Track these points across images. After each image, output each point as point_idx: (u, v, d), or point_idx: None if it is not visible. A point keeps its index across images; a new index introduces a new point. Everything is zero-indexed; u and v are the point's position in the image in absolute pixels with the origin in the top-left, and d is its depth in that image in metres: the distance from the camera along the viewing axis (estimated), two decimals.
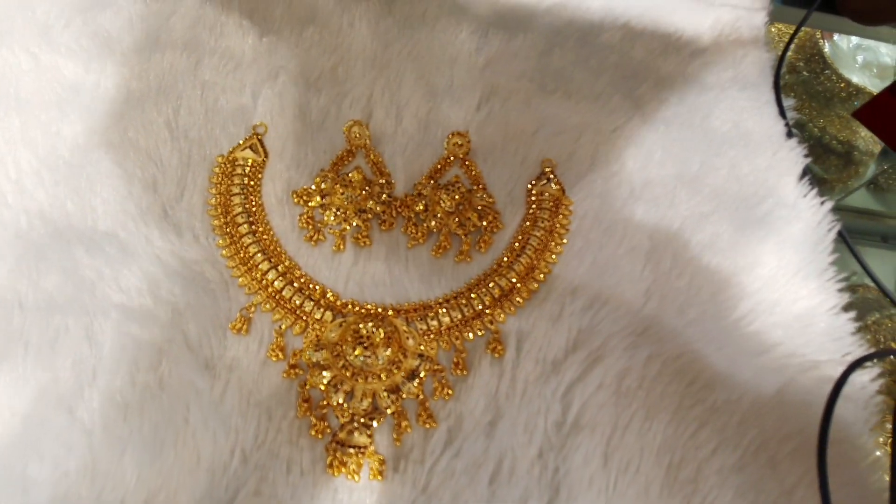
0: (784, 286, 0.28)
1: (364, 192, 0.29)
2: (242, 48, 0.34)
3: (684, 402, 0.25)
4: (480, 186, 0.30)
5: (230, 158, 0.30)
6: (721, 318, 0.27)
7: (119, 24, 0.34)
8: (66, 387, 0.23)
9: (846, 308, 0.28)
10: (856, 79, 0.48)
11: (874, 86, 0.47)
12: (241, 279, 0.26)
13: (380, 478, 0.22)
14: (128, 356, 0.23)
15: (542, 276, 0.28)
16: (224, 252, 0.27)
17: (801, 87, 0.49)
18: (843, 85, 0.49)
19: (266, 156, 0.30)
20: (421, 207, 0.29)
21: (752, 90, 0.36)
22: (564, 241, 0.29)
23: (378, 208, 0.29)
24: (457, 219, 0.29)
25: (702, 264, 0.29)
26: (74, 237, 0.26)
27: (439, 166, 0.31)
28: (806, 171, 0.32)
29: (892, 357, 0.35)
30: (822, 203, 0.30)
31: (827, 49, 0.47)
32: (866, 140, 0.51)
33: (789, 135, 0.34)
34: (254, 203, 0.29)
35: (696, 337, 0.26)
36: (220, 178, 0.29)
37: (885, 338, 0.37)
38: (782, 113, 0.35)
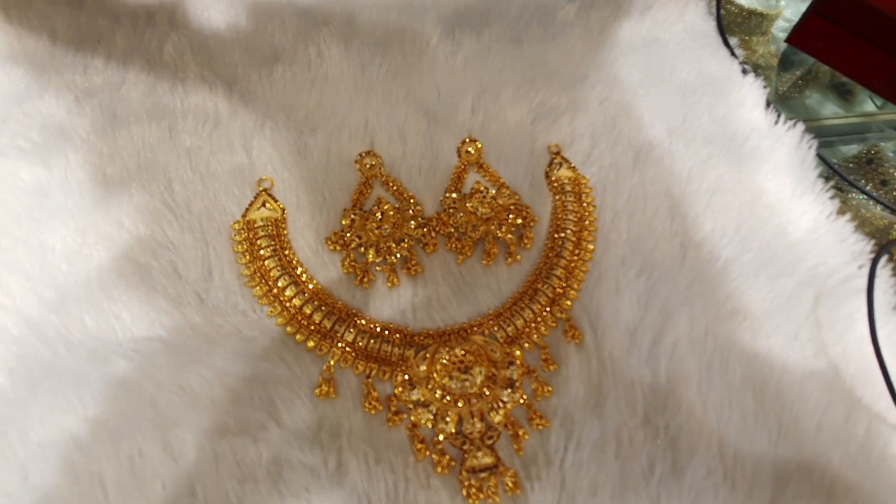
0: (788, 207, 0.31)
1: (396, 220, 0.28)
2: (214, 104, 0.31)
3: (745, 335, 0.27)
4: (503, 186, 0.31)
5: (246, 222, 0.28)
6: (748, 250, 0.29)
7: (65, 107, 0.30)
8: None
9: (840, 212, 0.31)
10: (744, 2, 0.53)
11: (760, 5, 0.51)
12: (308, 343, 0.25)
13: (518, 491, 0.22)
14: (223, 466, 0.22)
15: (588, 255, 0.29)
16: (279, 320, 0.25)
17: None
18: (735, 10, 0.54)
19: (283, 209, 0.28)
20: (459, 220, 0.28)
21: (701, 37, 0.38)
22: (595, 217, 0.30)
23: (416, 233, 0.28)
24: (495, 223, 0.29)
25: (718, 207, 0.31)
26: (110, 352, 0.23)
27: (458, 176, 0.31)
28: (769, 102, 0.35)
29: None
30: (795, 125, 0.34)
31: None
32: (764, 56, 0.56)
33: (745, 72, 0.37)
34: (289, 260, 0.27)
35: (735, 273, 0.29)
36: (244, 246, 0.27)
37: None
38: (733, 54, 0.38)
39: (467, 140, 0.31)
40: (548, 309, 0.27)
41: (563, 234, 0.29)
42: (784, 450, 0.24)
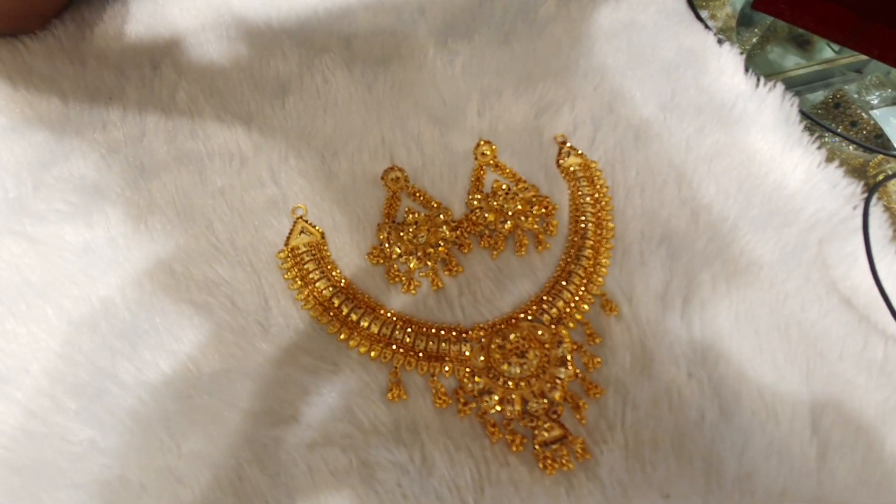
0: (781, 162, 0.33)
1: (429, 227, 0.30)
2: (237, 142, 0.32)
3: (763, 284, 0.29)
4: (520, 181, 0.32)
5: (290, 250, 0.29)
6: (753, 206, 0.32)
7: (93, 166, 0.31)
8: None
9: (828, 159, 0.34)
10: None
11: None
12: (372, 353, 0.26)
13: (588, 456, 0.24)
14: (319, 477, 0.23)
15: (610, 234, 0.31)
16: (342, 336, 0.27)
17: None
18: None
19: (321, 233, 0.30)
20: (488, 218, 0.30)
21: (675, 15, 0.40)
22: (610, 196, 0.32)
23: (450, 236, 0.30)
24: (520, 217, 0.30)
25: (718, 170, 0.33)
26: (191, 389, 0.25)
27: (477, 178, 0.32)
28: (747, 67, 0.38)
29: None
30: (775, 86, 0.36)
31: None
32: (723, 19, 0.59)
33: (720, 42, 0.39)
34: (337, 279, 0.28)
35: (745, 229, 0.31)
36: (293, 272, 0.28)
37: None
38: (706, 26, 0.40)
39: (482, 143, 0.32)
40: (583, 288, 0.29)
41: (583, 217, 0.31)
42: (815, 383, 0.27)
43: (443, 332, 0.27)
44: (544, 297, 0.28)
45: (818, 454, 0.25)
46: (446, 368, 0.26)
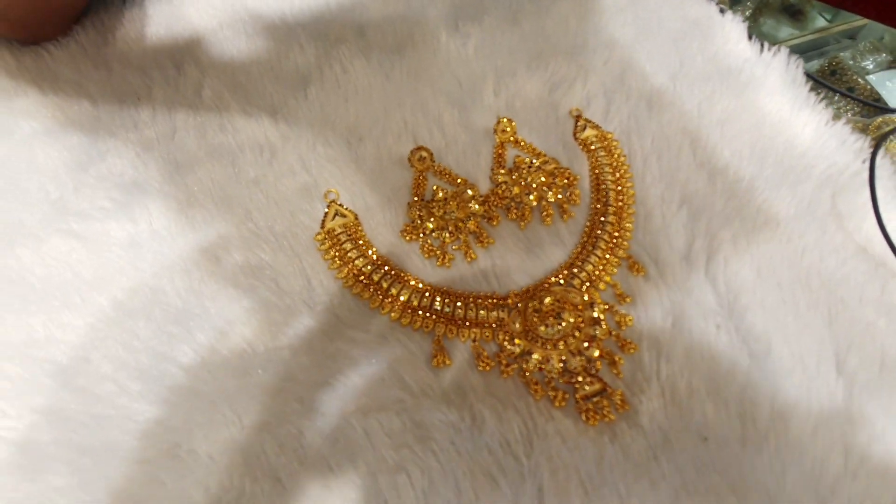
0: (791, 122, 0.34)
1: (458, 203, 0.31)
2: (265, 134, 0.33)
3: (782, 239, 0.30)
4: (540, 155, 0.33)
5: (327, 232, 0.30)
6: (766, 166, 0.33)
7: (130, 164, 0.32)
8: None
9: (835, 117, 0.35)
10: None
11: None
12: (413, 324, 0.28)
13: (627, 407, 0.25)
14: (377, 439, 0.24)
15: (631, 200, 0.32)
16: (382, 311, 0.28)
17: None
18: None
19: (355, 215, 0.31)
20: (514, 191, 0.31)
21: None
22: (628, 164, 0.33)
23: (479, 210, 0.31)
24: (545, 188, 0.32)
25: (730, 134, 0.34)
26: (248, 366, 0.26)
27: (499, 154, 0.33)
28: (751, 34, 0.39)
29: None
30: (780, 49, 0.37)
31: None
32: None
33: (722, 11, 0.40)
34: (374, 258, 0.29)
35: (761, 188, 0.32)
36: (332, 253, 0.29)
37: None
38: None
39: (502, 120, 0.33)
40: (609, 252, 0.30)
41: (604, 186, 0.32)
42: (837, 328, 0.28)
43: (480, 301, 0.28)
44: (573, 263, 0.29)
45: (845, 393, 0.26)
46: (486, 335, 0.27)
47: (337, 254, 0.29)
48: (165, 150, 0.33)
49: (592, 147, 0.33)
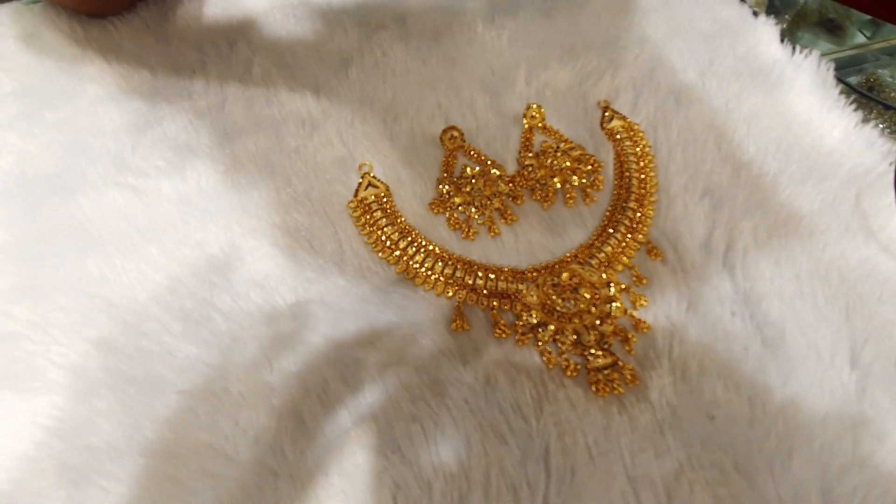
0: (820, 123, 0.34)
1: (485, 181, 0.32)
2: (307, 109, 0.35)
3: (804, 233, 0.31)
4: (567, 142, 0.34)
5: (359, 201, 0.32)
6: (792, 162, 0.33)
7: (183, 129, 0.34)
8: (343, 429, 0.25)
9: (865, 120, 0.35)
10: None
11: None
12: (435, 289, 0.29)
13: (638, 382, 0.26)
14: (396, 392, 0.25)
15: (654, 188, 0.32)
16: (406, 275, 0.29)
17: None
18: None
19: (387, 187, 0.32)
20: (540, 174, 0.32)
21: None
22: (653, 154, 0.34)
23: (505, 189, 0.32)
24: (571, 172, 0.33)
25: (757, 131, 0.34)
26: (279, 315, 0.27)
27: (527, 139, 0.34)
28: (783, 36, 0.39)
29: None
30: (811, 52, 0.37)
31: None
32: (758, 5, 0.59)
33: (755, 14, 0.41)
34: (403, 227, 0.31)
35: (785, 183, 0.32)
36: (363, 220, 0.31)
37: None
38: None
39: (531, 106, 0.35)
40: (629, 236, 0.31)
41: (628, 173, 0.33)
42: (855, 322, 0.28)
43: (500, 273, 0.29)
44: (593, 244, 0.30)
45: (858, 386, 0.26)
46: (505, 305, 0.28)
47: (368, 221, 0.31)
48: (215, 119, 0.35)
49: (618, 137, 0.34)
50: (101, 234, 0.30)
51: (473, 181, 0.32)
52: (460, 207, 0.31)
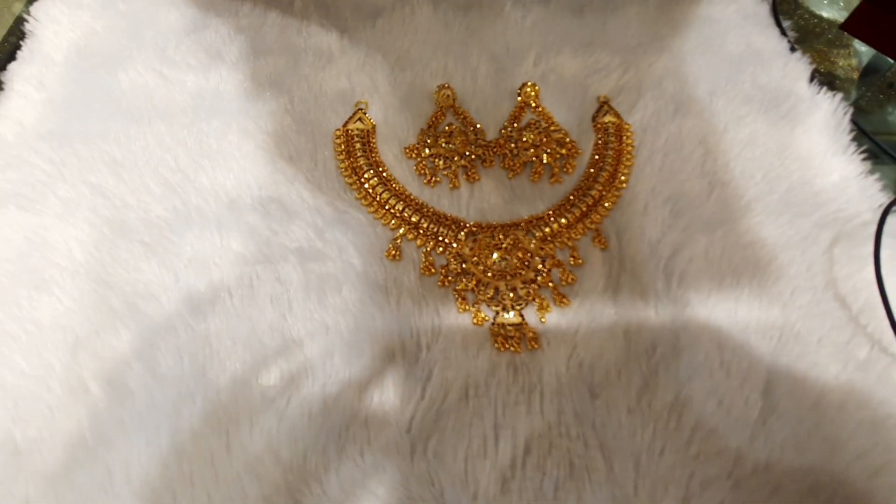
0: (819, 163, 0.33)
1: (462, 140, 0.34)
2: (329, 45, 0.38)
3: (760, 260, 0.30)
4: (553, 123, 0.35)
5: (345, 131, 0.34)
6: (774, 192, 0.32)
7: (220, 39, 0.39)
8: (271, 317, 0.27)
9: (870, 172, 0.33)
10: (825, 13, 0.54)
11: (842, 17, 0.52)
12: (383, 220, 0.31)
13: (537, 346, 0.27)
14: (314, 286, 0.28)
15: (622, 185, 0.32)
16: (363, 202, 0.32)
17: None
18: (815, 21, 0.54)
19: (373, 125, 0.35)
20: (513, 145, 0.33)
21: (753, 18, 0.41)
22: (633, 156, 0.34)
23: (477, 151, 0.33)
24: (545, 150, 0.33)
25: (749, 156, 0.33)
26: (245, 206, 0.31)
27: (517, 113, 0.36)
28: (813, 75, 0.37)
29: None
30: (834, 96, 0.35)
31: None
32: (844, 69, 0.56)
33: (792, 50, 0.39)
34: (375, 162, 0.33)
35: (759, 210, 0.31)
36: (342, 148, 0.34)
37: None
38: (783, 32, 0.40)
39: (528, 83, 0.36)
40: (580, 221, 0.31)
41: (600, 166, 0.33)
42: (782, 356, 0.27)
43: (446, 220, 0.31)
44: (542, 217, 0.31)
45: (761, 415, 0.25)
46: (439, 249, 0.30)
47: (346, 149, 0.33)
48: (250, 37, 0.39)
49: (606, 131, 0.35)
50: (128, 105, 0.35)
51: (451, 136, 0.34)
52: (430, 158, 0.33)
